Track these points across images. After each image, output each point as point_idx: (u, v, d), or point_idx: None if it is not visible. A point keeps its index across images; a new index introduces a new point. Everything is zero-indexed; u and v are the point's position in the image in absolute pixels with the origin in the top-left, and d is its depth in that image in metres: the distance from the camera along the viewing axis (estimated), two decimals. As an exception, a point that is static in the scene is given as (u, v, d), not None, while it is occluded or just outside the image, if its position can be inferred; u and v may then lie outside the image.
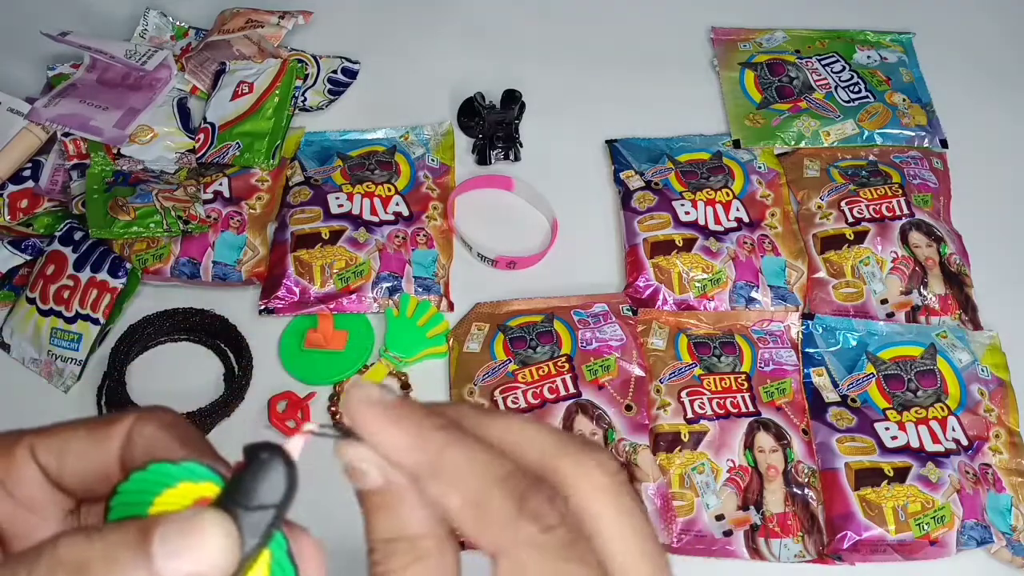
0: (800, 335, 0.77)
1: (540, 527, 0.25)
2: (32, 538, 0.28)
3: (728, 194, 0.84)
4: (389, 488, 0.26)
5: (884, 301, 0.79)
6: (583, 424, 0.70)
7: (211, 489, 0.26)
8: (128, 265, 0.77)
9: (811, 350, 0.76)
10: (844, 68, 0.93)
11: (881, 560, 0.68)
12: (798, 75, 0.92)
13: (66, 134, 0.83)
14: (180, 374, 0.76)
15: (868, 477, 0.69)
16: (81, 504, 0.30)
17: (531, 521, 0.25)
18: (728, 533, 0.68)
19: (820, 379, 0.75)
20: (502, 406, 0.71)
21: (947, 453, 0.70)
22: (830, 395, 0.74)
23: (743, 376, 0.74)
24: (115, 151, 0.83)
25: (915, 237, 0.81)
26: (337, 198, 0.82)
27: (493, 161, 0.87)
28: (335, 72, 0.92)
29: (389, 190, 0.83)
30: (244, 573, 0.25)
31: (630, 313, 0.77)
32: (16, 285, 0.78)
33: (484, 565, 0.27)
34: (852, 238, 0.81)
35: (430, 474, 0.26)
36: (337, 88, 0.91)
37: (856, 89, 0.91)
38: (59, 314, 0.75)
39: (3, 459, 0.28)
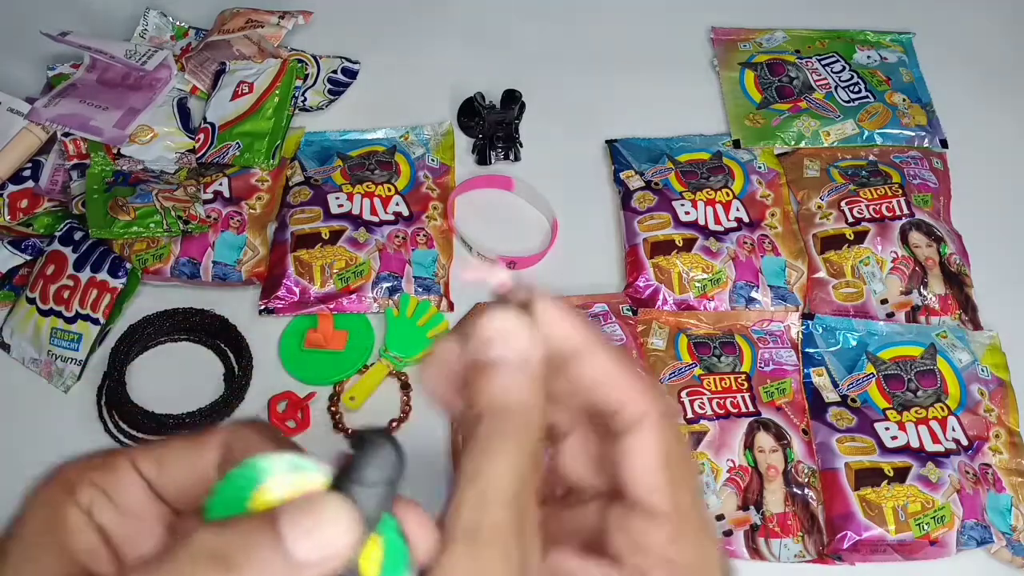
0: (800, 335, 0.77)
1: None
2: (138, 547, 0.29)
3: (728, 194, 0.84)
4: (524, 357, 0.29)
5: (884, 301, 0.79)
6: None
7: (310, 480, 0.26)
8: (128, 265, 0.77)
9: (811, 350, 0.76)
10: (844, 68, 0.93)
11: (881, 560, 0.68)
12: (798, 75, 0.92)
13: (66, 134, 0.83)
14: (180, 374, 0.76)
15: (868, 477, 0.69)
16: (179, 515, 0.31)
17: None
18: (728, 533, 0.68)
19: (820, 379, 0.75)
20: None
21: (947, 453, 0.70)
22: (830, 395, 0.74)
23: (743, 376, 0.74)
24: (115, 151, 0.83)
25: (915, 237, 0.81)
26: (337, 198, 0.82)
27: (493, 161, 0.87)
28: (335, 72, 0.92)
29: (389, 190, 0.83)
30: (361, 553, 0.25)
31: (630, 313, 0.77)
32: (16, 285, 0.78)
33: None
34: (852, 238, 0.81)
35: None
36: (337, 88, 0.91)
37: (856, 89, 0.91)
38: (59, 314, 0.75)
39: (106, 471, 0.29)
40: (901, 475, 0.69)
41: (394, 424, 0.73)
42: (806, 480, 0.70)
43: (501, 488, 0.27)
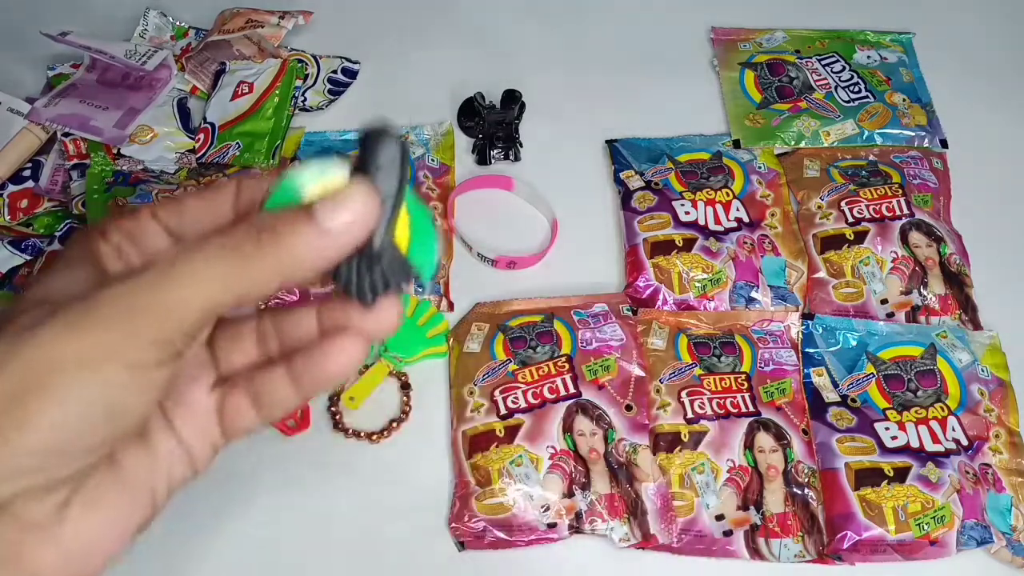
0: (800, 335, 0.77)
1: None
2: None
3: (728, 194, 0.84)
4: None
5: (884, 301, 0.79)
6: (583, 424, 0.70)
7: (337, 173, 0.34)
8: (128, 265, 0.77)
9: (811, 350, 0.77)
10: (844, 68, 0.93)
11: (881, 560, 0.68)
12: (798, 75, 0.92)
13: (66, 134, 0.83)
14: (180, 374, 0.76)
15: (868, 477, 0.69)
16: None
17: None
18: (728, 533, 0.68)
19: (820, 379, 0.75)
20: (502, 406, 0.71)
21: (947, 453, 0.70)
22: (830, 395, 0.74)
23: (743, 376, 0.74)
24: (115, 151, 0.83)
25: (915, 237, 0.81)
26: (337, 198, 0.82)
27: (493, 161, 0.87)
28: (335, 72, 0.92)
29: (389, 190, 0.83)
30: (397, 215, 0.34)
31: (630, 313, 0.77)
32: (16, 285, 0.78)
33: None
34: (852, 238, 0.81)
35: None
36: (337, 88, 0.91)
37: (856, 89, 0.91)
38: (59, 314, 0.75)
39: (131, 219, 0.35)
40: (901, 475, 0.69)
41: (394, 424, 0.73)
42: (806, 480, 0.70)
43: None
